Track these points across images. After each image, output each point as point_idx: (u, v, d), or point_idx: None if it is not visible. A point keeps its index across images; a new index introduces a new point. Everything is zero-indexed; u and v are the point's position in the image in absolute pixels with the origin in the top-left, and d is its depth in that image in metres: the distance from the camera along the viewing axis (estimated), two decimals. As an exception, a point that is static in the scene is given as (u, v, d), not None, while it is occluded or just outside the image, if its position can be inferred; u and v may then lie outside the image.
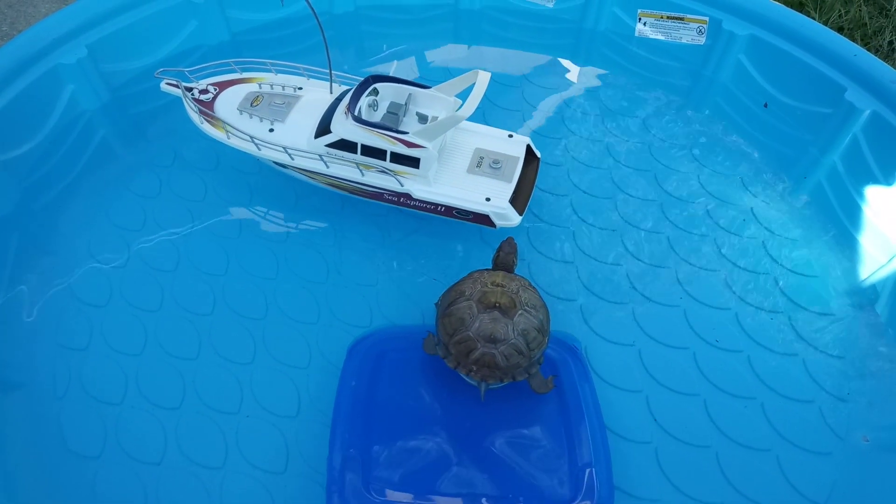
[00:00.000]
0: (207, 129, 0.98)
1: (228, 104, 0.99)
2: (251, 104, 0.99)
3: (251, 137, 0.93)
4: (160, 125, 1.16)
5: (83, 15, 1.16)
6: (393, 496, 0.72)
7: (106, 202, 1.04)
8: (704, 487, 0.78)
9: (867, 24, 1.70)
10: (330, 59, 0.98)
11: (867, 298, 0.97)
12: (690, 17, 1.31)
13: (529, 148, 0.99)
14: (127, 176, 1.08)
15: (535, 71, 1.33)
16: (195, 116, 0.98)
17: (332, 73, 1.00)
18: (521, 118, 1.22)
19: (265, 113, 0.98)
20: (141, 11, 1.20)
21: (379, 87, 0.95)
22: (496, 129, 1.01)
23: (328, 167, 0.94)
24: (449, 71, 1.31)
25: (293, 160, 0.94)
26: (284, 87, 1.02)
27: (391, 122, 0.93)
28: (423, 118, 0.96)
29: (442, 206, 0.94)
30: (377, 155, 0.91)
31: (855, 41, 1.52)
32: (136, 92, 1.20)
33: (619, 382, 0.87)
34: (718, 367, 0.89)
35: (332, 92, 1.01)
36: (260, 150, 0.94)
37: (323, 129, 0.93)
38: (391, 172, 0.92)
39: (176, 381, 0.84)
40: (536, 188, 1.01)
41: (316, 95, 1.01)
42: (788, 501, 0.78)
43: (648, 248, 1.02)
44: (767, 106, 1.24)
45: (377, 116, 0.94)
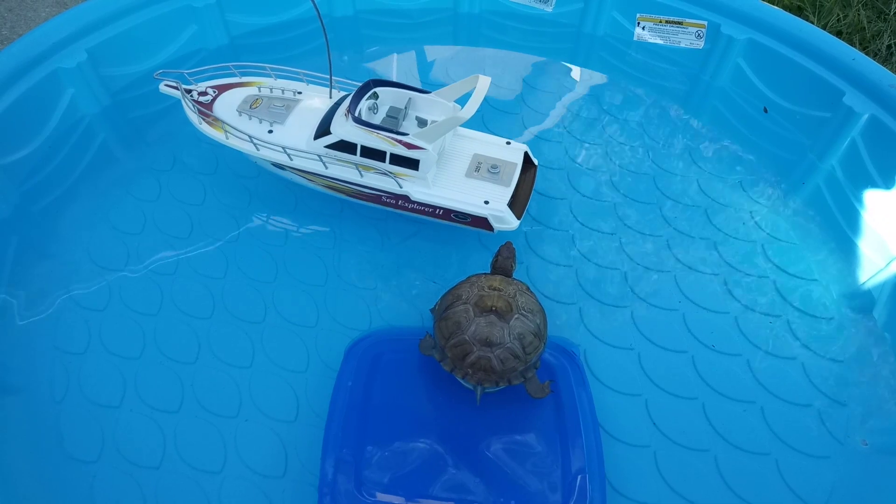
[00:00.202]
0: (206, 129, 0.98)
1: (227, 106, 0.99)
2: (250, 106, 0.99)
3: (250, 137, 0.94)
4: (160, 129, 1.17)
5: (83, 19, 1.16)
6: (384, 498, 0.72)
7: (105, 206, 1.04)
8: (703, 491, 0.78)
9: (865, 28, 1.71)
10: (331, 62, 0.98)
11: (865, 302, 0.97)
12: (689, 21, 1.32)
13: (527, 155, 0.99)
14: (126, 180, 1.08)
15: (534, 75, 1.33)
16: (193, 117, 0.99)
17: (332, 76, 1.01)
18: (520, 122, 1.22)
19: (264, 115, 0.98)
20: (141, 16, 1.21)
21: (379, 91, 0.95)
22: (494, 136, 1.01)
23: (327, 168, 0.94)
24: (448, 75, 1.31)
25: (292, 161, 0.94)
26: (284, 91, 1.02)
27: (391, 125, 0.93)
28: (422, 123, 0.96)
29: (440, 208, 0.94)
30: (376, 156, 0.91)
31: (853, 45, 1.53)
32: (135, 96, 1.20)
33: (617, 386, 0.86)
34: (717, 370, 0.89)
35: (331, 97, 1.02)
36: (258, 150, 0.94)
37: (323, 130, 0.93)
38: (390, 174, 0.92)
39: (174, 384, 0.84)
40: (535, 191, 1.01)
41: (315, 99, 1.01)
42: (787, 505, 0.78)
43: (647, 251, 1.02)
44: (767, 110, 1.24)
45: (377, 120, 0.95)
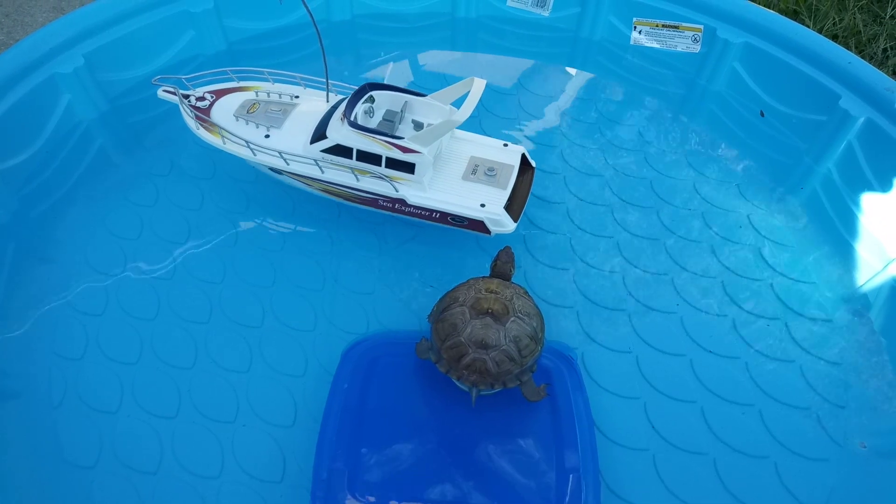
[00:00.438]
0: (203, 134, 0.98)
1: (225, 111, 0.99)
2: (247, 111, 0.99)
3: (247, 142, 0.94)
4: (157, 134, 1.17)
5: (80, 24, 1.16)
6: (378, 501, 0.72)
7: (103, 211, 1.04)
8: (702, 494, 0.78)
9: (861, 31, 1.71)
10: (327, 67, 0.98)
11: (863, 305, 0.97)
12: (685, 25, 1.32)
13: (524, 157, 0.99)
14: (124, 185, 1.08)
15: (530, 79, 1.33)
16: (191, 122, 0.99)
17: (328, 81, 1.01)
18: (516, 126, 1.22)
19: (261, 119, 0.98)
20: (138, 21, 1.21)
21: (375, 94, 0.95)
22: (491, 138, 1.01)
23: (323, 172, 0.94)
24: (445, 79, 1.31)
25: (288, 165, 0.94)
26: (281, 95, 1.02)
27: (387, 129, 0.93)
28: (418, 126, 0.96)
29: (437, 211, 0.94)
30: (372, 160, 0.92)
31: (849, 49, 1.53)
32: (133, 101, 1.20)
33: (616, 389, 0.86)
34: (716, 374, 0.89)
35: (328, 101, 1.02)
36: (255, 154, 0.94)
37: (319, 135, 0.93)
38: (386, 178, 0.92)
39: (172, 390, 0.84)
40: (532, 195, 1.01)
41: (312, 104, 1.01)
42: (786, 508, 0.78)
43: (645, 255, 1.02)
44: (763, 114, 1.24)
45: (373, 123, 0.95)
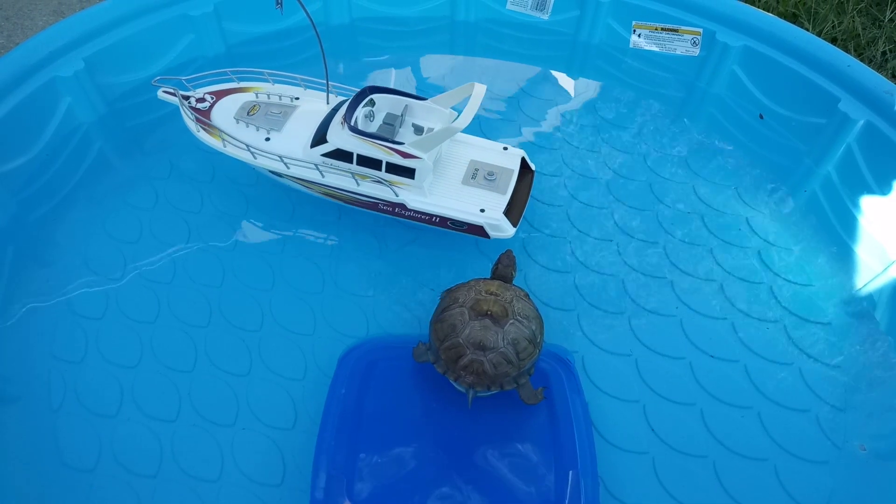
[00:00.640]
0: (203, 137, 0.98)
1: (225, 113, 0.99)
2: (248, 113, 0.99)
3: (247, 146, 0.94)
4: (157, 137, 1.17)
5: (80, 28, 1.16)
6: None
7: (102, 214, 1.04)
8: (702, 497, 0.78)
9: (860, 34, 1.72)
10: (327, 69, 0.98)
11: (863, 307, 0.97)
12: (685, 28, 1.32)
13: (524, 161, 0.99)
14: (123, 188, 1.08)
15: (530, 82, 1.33)
16: (191, 124, 0.99)
17: (328, 83, 1.01)
18: (516, 129, 1.22)
19: (262, 122, 0.98)
20: (138, 24, 1.21)
21: (375, 98, 0.95)
22: (491, 141, 1.01)
23: (323, 176, 0.94)
24: (445, 82, 1.31)
25: (289, 169, 0.94)
26: (281, 97, 1.02)
27: (387, 133, 0.93)
28: (419, 130, 0.96)
29: (437, 216, 0.94)
30: (373, 165, 0.92)
31: (848, 52, 1.54)
32: (132, 104, 1.21)
33: (615, 392, 0.86)
34: (715, 376, 0.89)
35: (328, 102, 1.02)
36: (256, 158, 0.94)
37: (319, 138, 0.93)
38: (386, 182, 0.92)
39: (172, 393, 0.84)
40: (532, 198, 1.01)
41: (313, 106, 1.01)
42: (786, 511, 0.78)
43: (644, 258, 1.02)
44: (763, 117, 1.25)
45: (373, 127, 0.95)
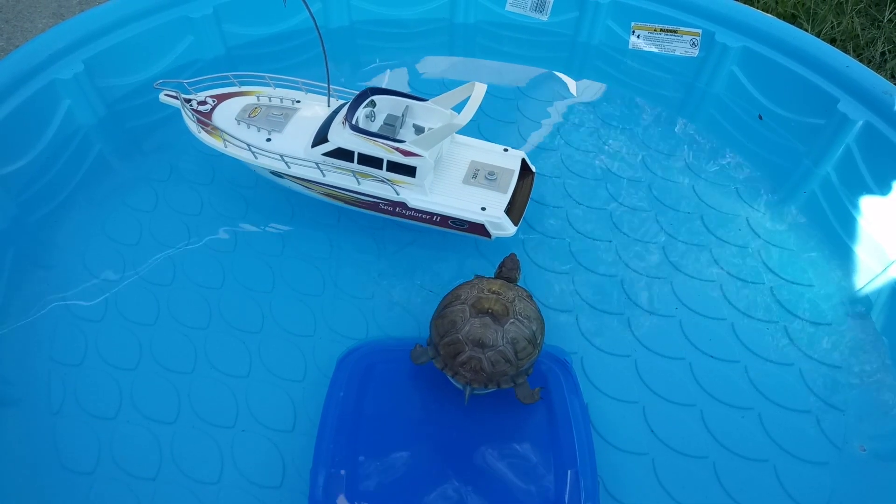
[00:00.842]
0: (205, 138, 0.98)
1: (226, 115, 1.00)
2: (249, 115, 0.99)
3: (248, 146, 0.94)
4: (156, 139, 1.17)
5: (80, 30, 1.16)
6: None
7: (102, 216, 1.04)
8: (702, 498, 0.78)
9: (859, 35, 1.72)
10: (328, 70, 0.98)
11: (863, 307, 0.97)
12: (684, 29, 1.32)
13: (524, 162, 0.99)
14: (123, 190, 1.08)
15: (529, 83, 1.33)
16: (193, 126, 0.99)
17: (329, 85, 1.01)
18: (516, 130, 1.22)
19: (263, 123, 0.98)
20: (137, 27, 1.21)
21: (376, 99, 0.96)
22: (491, 143, 1.02)
23: (325, 175, 0.94)
24: (444, 84, 1.31)
25: (289, 168, 0.94)
26: (282, 99, 1.02)
27: (388, 133, 0.93)
28: (419, 130, 0.96)
29: (437, 215, 0.94)
30: (374, 164, 0.92)
31: (847, 52, 1.54)
32: (132, 106, 1.21)
33: (615, 393, 0.86)
34: (715, 377, 0.88)
35: (329, 105, 1.02)
36: (257, 158, 0.95)
37: (320, 138, 0.93)
38: (387, 181, 0.92)
39: (171, 395, 0.84)
40: (532, 199, 1.01)
41: (313, 108, 1.01)
42: (786, 512, 0.78)
43: (644, 258, 1.02)
44: (762, 118, 1.25)
45: (374, 128, 0.95)
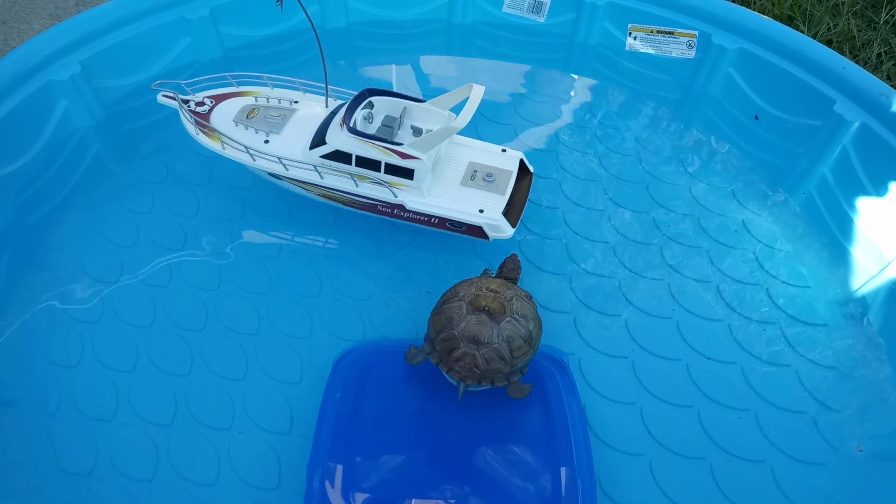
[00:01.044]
0: (203, 140, 0.98)
1: (224, 116, 1.00)
2: (247, 116, 0.99)
3: (246, 148, 0.94)
4: (153, 141, 1.17)
5: (76, 31, 1.16)
6: None
7: (99, 218, 1.04)
8: (699, 499, 0.78)
9: (856, 36, 1.72)
10: (326, 72, 0.98)
11: (859, 309, 0.97)
12: (680, 31, 1.33)
13: (522, 162, 0.99)
14: (120, 192, 1.08)
15: (527, 85, 1.34)
16: (191, 128, 0.99)
17: (327, 86, 1.01)
18: (513, 132, 1.22)
19: (261, 125, 0.98)
20: (134, 28, 1.21)
21: (374, 100, 0.96)
22: (489, 143, 1.02)
23: (322, 178, 0.94)
24: (442, 85, 1.31)
25: (287, 171, 0.94)
26: (280, 100, 1.02)
27: (386, 134, 0.93)
28: (417, 131, 0.96)
29: (435, 217, 0.94)
30: (372, 166, 0.92)
31: (843, 54, 1.54)
32: (129, 108, 1.20)
33: (612, 395, 0.86)
34: (712, 378, 0.89)
35: (327, 106, 1.02)
36: (255, 160, 0.95)
37: (318, 140, 0.93)
38: (385, 183, 0.92)
39: (168, 397, 0.84)
40: (529, 201, 1.01)
41: (311, 109, 1.01)
42: (783, 513, 0.78)
43: (640, 259, 1.02)
44: (758, 118, 1.25)
45: (372, 129, 0.95)
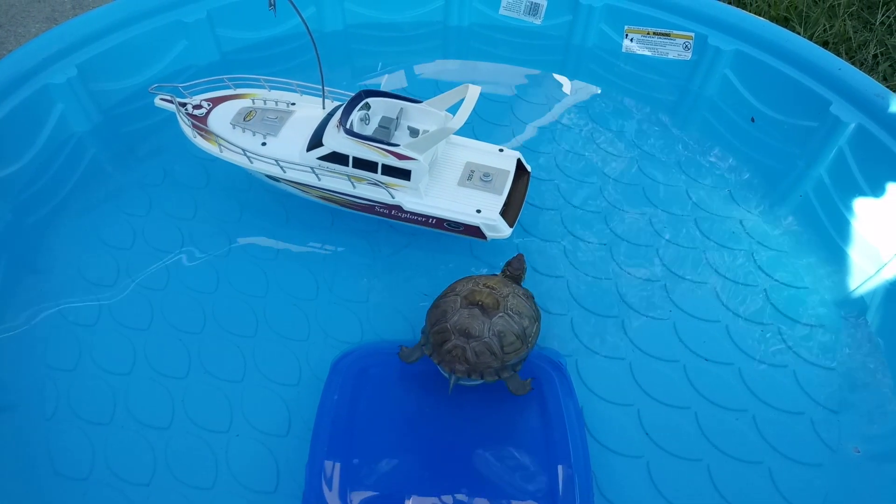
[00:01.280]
0: (200, 143, 0.98)
1: (221, 119, 1.00)
2: (244, 119, 0.99)
3: (243, 150, 0.94)
4: (150, 144, 1.17)
5: (73, 35, 1.16)
6: None
7: (96, 221, 1.03)
8: (697, 500, 0.78)
9: (851, 38, 1.72)
10: (322, 74, 0.98)
11: (856, 309, 0.98)
12: (676, 32, 1.33)
13: (520, 162, 0.99)
14: (117, 195, 1.08)
15: (523, 86, 1.34)
16: (188, 130, 0.99)
17: (324, 88, 1.01)
18: (510, 133, 1.22)
19: (258, 127, 0.98)
20: (131, 31, 1.21)
21: (371, 101, 0.96)
22: (487, 143, 1.02)
23: (320, 179, 0.94)
24: (439, 87, 1.31)
25: (285, 173, 0.94)
26: (277, 102, 1.02)
27: (383, 135, 0.93)
28: (414, 132, 0.96)
29: (433, 218, 0.94)
30: (369, 167, 0.92)
31: (840, 55, 1.54)
32: (126, 111, 1.20)
33: (610, 396, 0.86)
34: (709, 379, 0.89)
35: (324, 108, 1.02)
36: (252, 163, 0.95)
37: (315, 142, 0.93)
38: (382, 184, 0.92)
39: (165, 400, 0.84)
40: (526, 203, 1.01)
41: (309, 111, 1.01)
42: (781, 514, 0.78)
43: (638, 261, 1.02)
44: (754, 120, 1.25)
45: (369, 130, 0.95)
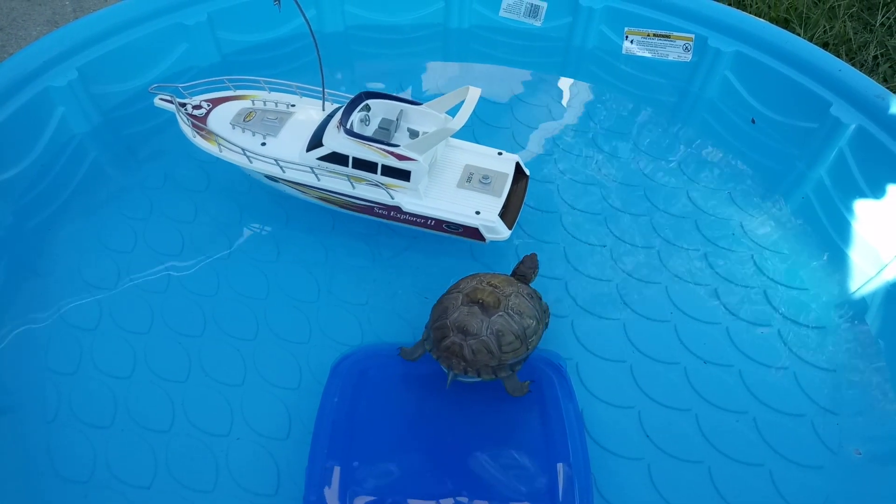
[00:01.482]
0: (200, 142, 0.98)
1: (221, 119, 1.00)
2: (244, 119, 0.99)
3: (243, 150, 0.94)
4: (151, 147, 1.17)
5: (74, 38, 1.16)
6: None
7: (96, 224, 1.04)
8: (697, 502, 0.78)
9: (852, 39, 1.72)
10: (323, 74, 0.98)
11: (857, 311, 0.97)
12: (677, 34, 1.33)
13: (518, 165, 0.99)
14: (118, 198, 1.08)
15: (523, 88, 1.34)
16: (188, 130, 0.99)
17: (324, 89, 1.01)
18: (510, 135, 1.22)
19: (258, 128, 0.98)
20: (131, 34, 1.21)
21: (371, 103, 0.96)
22: (485, 146, 1.02)
23: (319, 180, 0.94)
24: (439, 89, 1.32)
25: (284, 173, 0.94)
26: (277, 103, 1.03)
27: (383, 137, 0.94)
28: (414, 134, 0.96)
29: (432, 219, 0.94)
30: (368, 168, 0.92)
31: (840, 56, 1.54)
32: (126, 114, 1.21)
33: (610, 399, 0.86)
34: (710, 381, 0.89)
35: (324, 109, 1.02)
36: (252, 162, 0.95)
37: (315, 142, 0.93)
38: (382, 185, 0.92)
39: (165, 403, 0.84)
40: (526, 205, 1.01)
41: (308, 112, 1.02)
42: (782, 516, 0.78)
43: (638, 263, 1.02)
44: (755, 121, 1.25)
45: (368, 132, 0.95)
